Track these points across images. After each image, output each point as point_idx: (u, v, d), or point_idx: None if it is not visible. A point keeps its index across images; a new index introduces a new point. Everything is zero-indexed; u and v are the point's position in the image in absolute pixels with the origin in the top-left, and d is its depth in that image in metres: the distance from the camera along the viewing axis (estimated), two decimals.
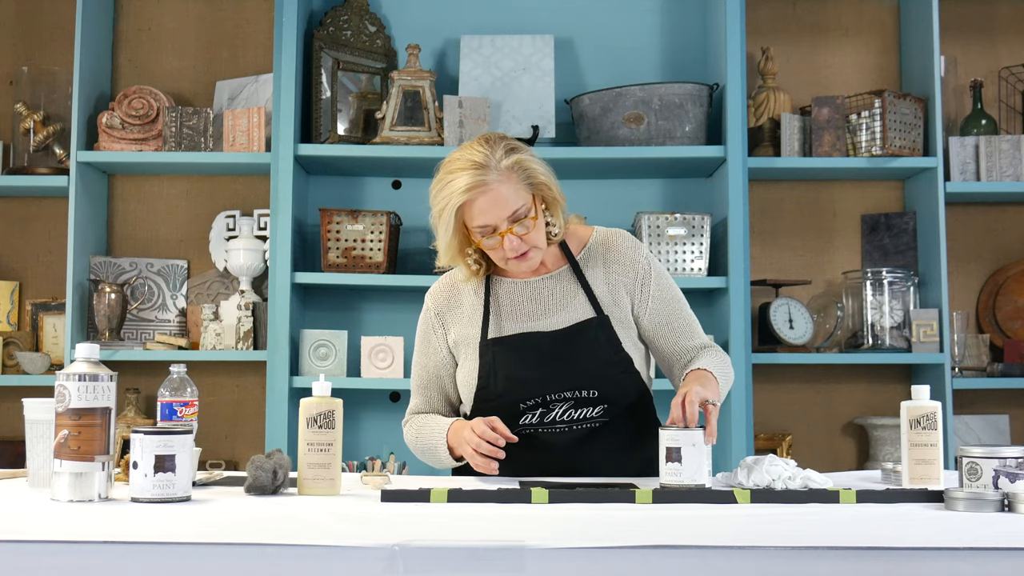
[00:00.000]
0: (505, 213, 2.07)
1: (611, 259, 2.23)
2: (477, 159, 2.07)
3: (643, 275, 2.22)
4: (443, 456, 2.17)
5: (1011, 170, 3.51)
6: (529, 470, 2.11)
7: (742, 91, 3.43)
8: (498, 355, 2.17)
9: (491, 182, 2.06)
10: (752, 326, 3.55)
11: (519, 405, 2.15)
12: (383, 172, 3.68)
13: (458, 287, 2.28)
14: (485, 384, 2.17)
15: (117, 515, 1.60)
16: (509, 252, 2.11)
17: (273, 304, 3.38)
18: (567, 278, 2.22)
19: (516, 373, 2.14)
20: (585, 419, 2.15)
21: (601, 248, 2.24)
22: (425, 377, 2.30)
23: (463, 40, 3.68)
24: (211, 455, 3.57)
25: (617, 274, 2.22)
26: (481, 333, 2.20)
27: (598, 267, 2.22)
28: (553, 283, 2.22)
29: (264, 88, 3.65)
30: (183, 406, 2.02)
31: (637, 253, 2.24)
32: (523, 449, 2.11)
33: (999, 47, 3.81)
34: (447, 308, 2.27)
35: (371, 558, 1.34)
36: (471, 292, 2.25)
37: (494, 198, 2.06)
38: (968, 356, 3.57)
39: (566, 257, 2.24)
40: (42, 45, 3.80)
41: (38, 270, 3.75)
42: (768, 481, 1.84)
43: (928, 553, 1.37)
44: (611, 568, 1.35)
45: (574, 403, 2.14)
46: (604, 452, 2.16)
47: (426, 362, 2.29)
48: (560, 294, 2.21)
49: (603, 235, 2.26)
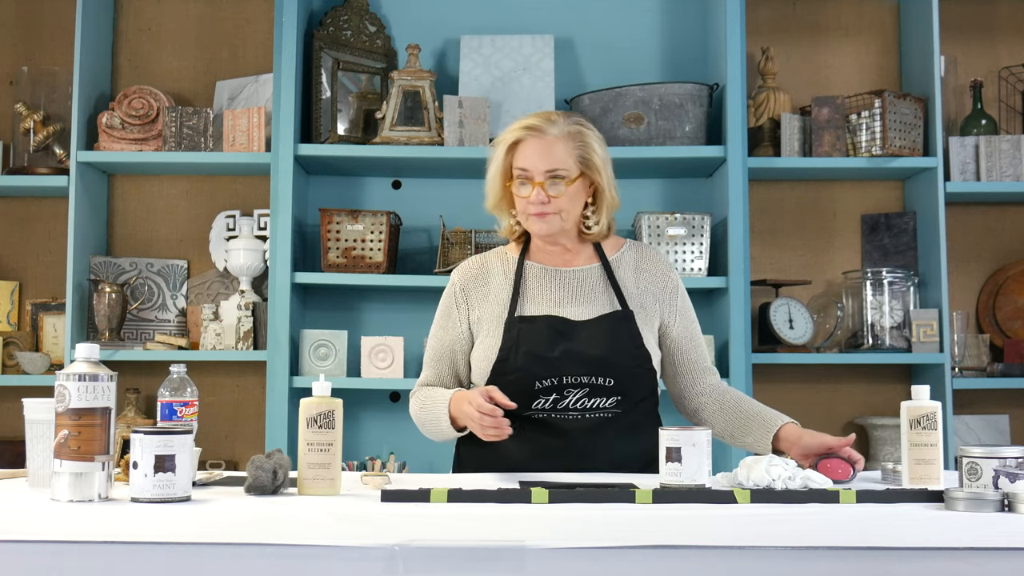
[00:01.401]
0: (545, 165, 2.19)
1: (643, 267, 2.33)
2: (549, 115, 2.24)
3: (673, 289, 2.33)
4: (445, 427, 2.20)
5: (1011, 170, 3.51)
6: (539, 453, 2.15)
7: (742, 91, 3.43)
8: (523, 332, 2.21)
9: (548, 133, 2.20)
10: (752, 326, 3.55)
11: (535, 384, 2.18)
12: (383, 172, 3.68)
13: (489, 267, 2.34)
14: (505, 357, 2.21)
15: (117, 515, 1.59)
16: (532, 204, 2.20)
17: (273, 304, 3.38)
18: (597, 274, 2.30)
19: (537, 350, 2.18)
20: (598, 408, 2.19)
21: (634, 256, 2.35)
22: (439, 350, 2.34)
23: (463, 40, 3.68)
24: (211, 455, 3.57)
25: (647, 282, 2.31)
26: (508, 311, 2.25)
27: (629, 271, 2.32)
28: (583, 275, 2.30)
29: (264, 88, 3.65)
30: (183, 406, 2.02)
31: (669, 268, 2.36)
32: (536, 432, 2.17)
33: (999, 47, 3.81)
34: (474, 285, 2.32)
35: (371, 558, 1.34)
36: (501, 274, 2.32)
37: (542, 146, 2.19)
38: (968, 356, 3.57)
39: (599, 257, 2.32)
40: (42, 45, 3.80)
41: (38, 270, 3.75)
42: (768, 481, 1.84)
43: (928, 553, 1.37)
44: (611, 568, 1.35)
45: (589, 390, 2.18)
46: (613, 443, 2.20)
47: (443, 335, 2.33)
48: (589, 287, 2.28)
49: (637, 244, 2.39)
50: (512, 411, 2.14)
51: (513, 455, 2.17)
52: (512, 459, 2.17)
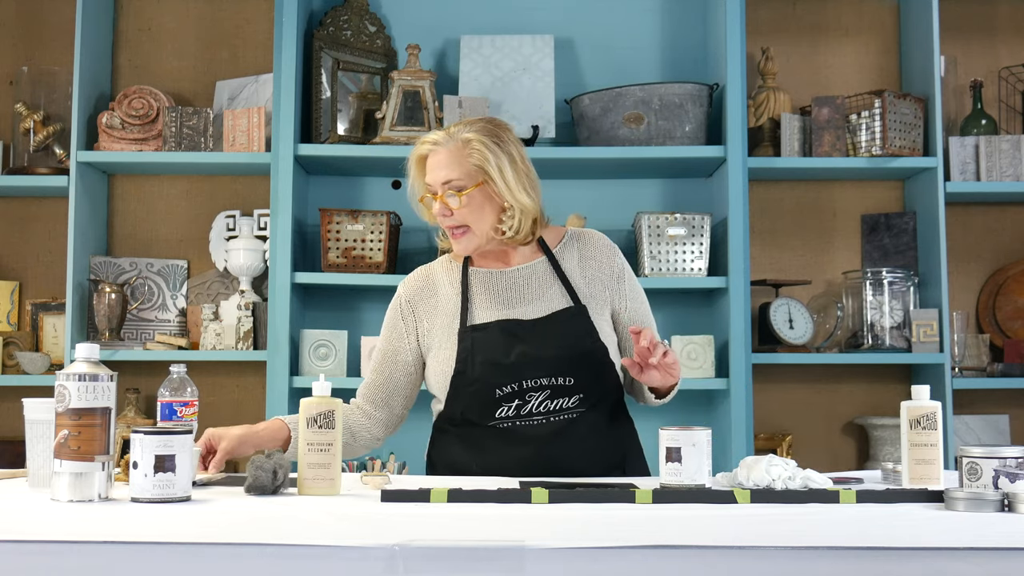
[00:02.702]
0: (441, 177, 2.19)
1: (587, 254, 2.29)
2: (455, 125, 2.24)
3: (619, 274, 2.30)
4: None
5: (1011, 170, 3.51)
6: (507, 465, 2.11)
7: (742, 91, 3.43)
8: (477, 340, 2.19)
9: (441, 147, 2.20)
10: (752, 326, 3.55)
11: (495, 391, 2.16)
12: (383, 172, 3.68)
13: (434, 278, 2.31)
14: (463, 369, 2.18)
15: (117, 515, 1.59)
16: (438, 217, 2.21)
17: (273, 304, 3.38)
18: (543, 269, 2.26)
19: (494, 358, 2.16)
20: (561, 410, 2.16)
21: (577, 243, 2.30)
22: (383, 358, 2.32)
23: (463, 40, 3.68)
24: None
25: (593, 269, 2.28)
26: (460, 320, 2.22)
27: (574, 260, 2.28)
28: (529, 273, 2.26)
29: (264, 88, 3.65)
30: (183, 406, 2.03)
31: (613, 251, 2.32)
32: (501, 443, 2.15)
33: (999, 47, 3.82)
34: (420, 298, 2.30)
35: (371, 558, 1.34)
36: (447, 283, 2.29)
37: (436, 161, 2.20)
38: (968, 356, 3.57)
39: (543, 250, 2.28)
40: (42, 45, 3.80)
41: (38, 270, 3.75)
42: (768, 481, 1.84)
43: (928, 553, 1.37)
44: (611, 568, 1.35)
45: (550, 392, 2.15)
46: (580, 443, 2.17)
47: (386, 347, 2.31)
48: (536, 284, 2.25)
49: (578, 232, 2.34)
50: (475, 422, 2.15)
51: (489, 463, 2.14)
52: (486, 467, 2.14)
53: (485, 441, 2.13)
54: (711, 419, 3.49)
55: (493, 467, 2.12)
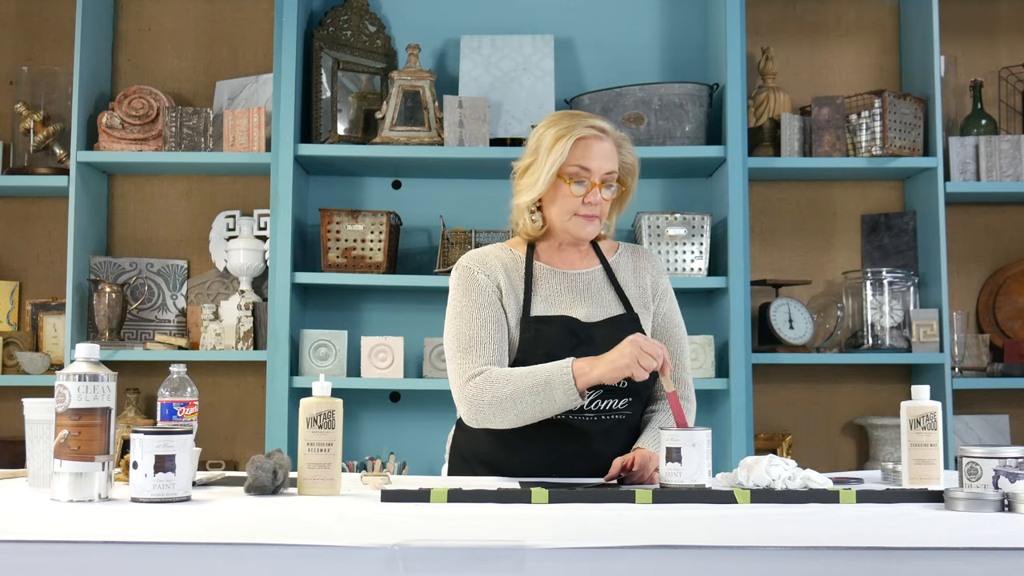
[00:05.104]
0: (607, 167, 2.25)
1: (642, 267, 2.38)
2: (597, 121, 2.28)
3: (663, 293, 2.38)
4: (559, 393, 2.08)
5: (1011, 170, 3.51)
6: (554, 456, 2.17)
7: (742, 91, 3.43)
8: (540, 332, 2.22)
9: (608, 137, 2.28)
10: (752, 326, 3.55)
11: None
12: (383, 172, 3.68)
13: (497, 263, 2.29)
14: (524, 359, 2.20)
15: (117, 515, 1.59)
16: (586, 205, 2.23)
17: (273, 304, 3.38)
18: (600, 276, 2.34)
19: (555, 352, 2.17)
20: (611, 410, 2.22)
21: (631, 255, 2.40)
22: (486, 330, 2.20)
23: (463, 40, 3.68)
24: (211, 455, 3.57)
25: (646, 281, 2.36)
26: (523, 309, 2.24)
27: (629, 273, 2.36)
28: (589, 278, 2.33)
29: (264, 88, 3.65)
30: (183, 406, 2.02)
31: (662, 273, 2.41)
32: (554, 434, 2.18)
33: (999, 47, 3.81)
34: (494, 274, 2.26)
35: (371, 558, 1.34)
36: (512, 270, 2.29)
37: (607, 149, 2.26)
38: (968, 356, 3.57)
39: (600, 259, 2.36)
40: (42, 45, 3.80)
41: (38, 270, 3.75)
42: (768, 481, 1.84)
43: (928, 553, 1.37)
44: (611, 568, 1.35)
45: (603, 391, 2.19)
46: (626, 444, 2.23)
47: (482, 314, 2.21)
48: (595, 289, 2.31)
49: (632, 246, 2.44)
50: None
51: (534, 458, 2.17)
52: (532, 462, 2.17)
53: (537, 430, 2.15)
54: (711, 419, 3.49)
55: (539, 458, 2.16)
